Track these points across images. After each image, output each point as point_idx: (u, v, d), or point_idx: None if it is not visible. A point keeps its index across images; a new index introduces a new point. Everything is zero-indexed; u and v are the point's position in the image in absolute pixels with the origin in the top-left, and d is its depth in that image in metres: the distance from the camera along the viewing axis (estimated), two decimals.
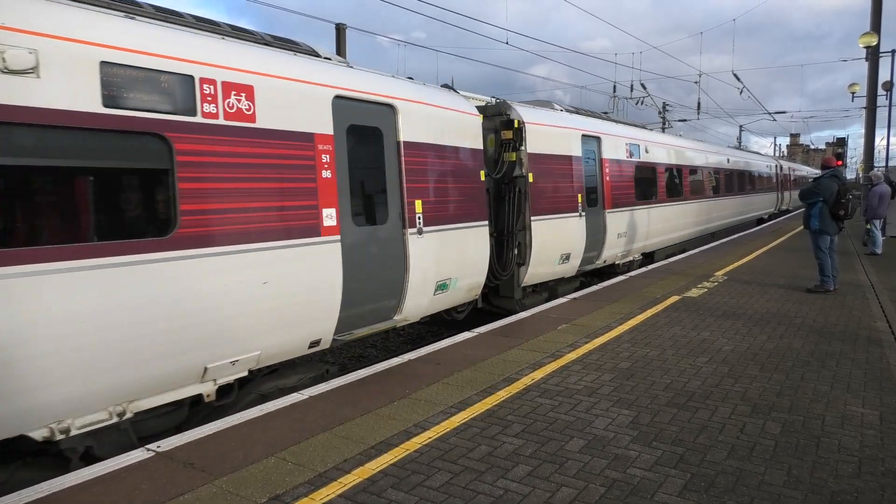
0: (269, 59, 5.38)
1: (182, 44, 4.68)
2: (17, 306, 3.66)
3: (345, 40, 18.14)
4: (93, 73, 4.06)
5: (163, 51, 4.50)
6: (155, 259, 4.34)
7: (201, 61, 4.72)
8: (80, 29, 4.06)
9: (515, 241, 8.92)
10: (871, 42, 19.55)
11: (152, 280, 4.32)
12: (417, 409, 4.75)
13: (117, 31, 4.30)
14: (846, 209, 9.38)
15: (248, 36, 5.60)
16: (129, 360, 4.21)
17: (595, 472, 3.66)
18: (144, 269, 4.28)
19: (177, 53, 4.57)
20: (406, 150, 6.73)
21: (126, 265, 4.18)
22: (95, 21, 4.21)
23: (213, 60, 4.82)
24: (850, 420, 4.40)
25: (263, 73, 5.20)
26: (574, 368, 5.72)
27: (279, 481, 3.60)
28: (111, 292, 4.09)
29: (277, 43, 5.87)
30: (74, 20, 4.08)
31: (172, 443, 4.16)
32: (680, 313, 8.05)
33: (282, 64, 5.46)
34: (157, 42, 4.51)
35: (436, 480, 3.59)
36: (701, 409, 4.67)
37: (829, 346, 6.36)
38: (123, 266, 4.16)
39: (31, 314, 3.72)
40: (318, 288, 5.55)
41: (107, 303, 4.07)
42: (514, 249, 8.92)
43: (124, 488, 3.55)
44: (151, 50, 4.43)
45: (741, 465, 3.73)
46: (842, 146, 30.18)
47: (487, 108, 9.22)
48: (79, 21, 4.10)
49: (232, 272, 4.81)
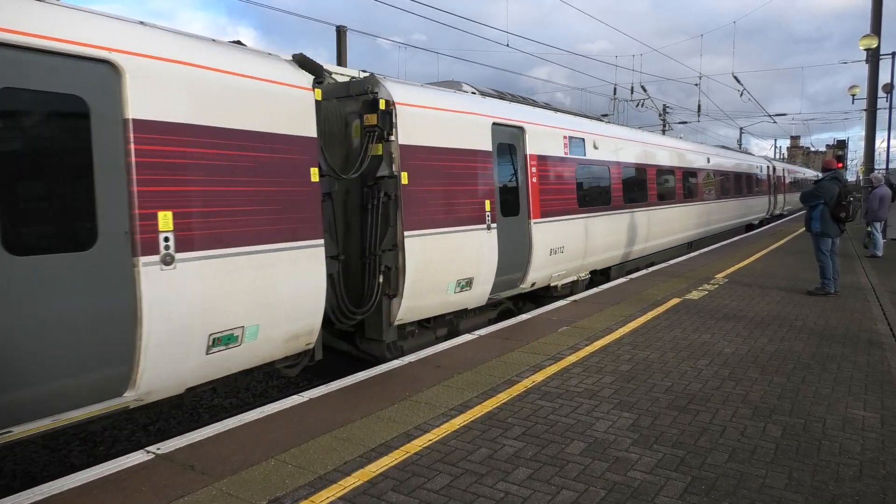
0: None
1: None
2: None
3: (345, 42, 18.15)
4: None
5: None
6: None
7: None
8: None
9: (380, 264, 6.70)
10: (871, 44, 19.57)
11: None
12: (418, 411, 4.74)
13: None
14: (847, 211, 9.39)
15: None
16: None
17: (596, 475, 3.65)
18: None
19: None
20: (136, 132, 4.39)
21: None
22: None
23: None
24: (852, 423, 4.39)
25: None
26: (575, 371, 5.71)
27: (279, 483, 3.60)
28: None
29: None
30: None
31: (172, 445, 4.15)
32: (681, 316, 8.04)
33: None
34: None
35: (436, 483, 3.59)
36: (702, 411, 4.66)
37: (831, 349, 6.35)
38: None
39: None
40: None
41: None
42: (380, 276, 6.69)
43: (124, 491, 3.54)
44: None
45: (742, 468, 3.72)
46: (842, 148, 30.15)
47: (351, 84, 7.02)
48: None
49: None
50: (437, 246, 7.20)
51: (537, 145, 9.28)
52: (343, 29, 18.10)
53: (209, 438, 4.26)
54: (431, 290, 7.19)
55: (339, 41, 18.12)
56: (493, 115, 8.40)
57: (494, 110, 8.56)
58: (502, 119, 8.60)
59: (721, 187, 19.82)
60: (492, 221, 8.07)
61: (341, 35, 18.11)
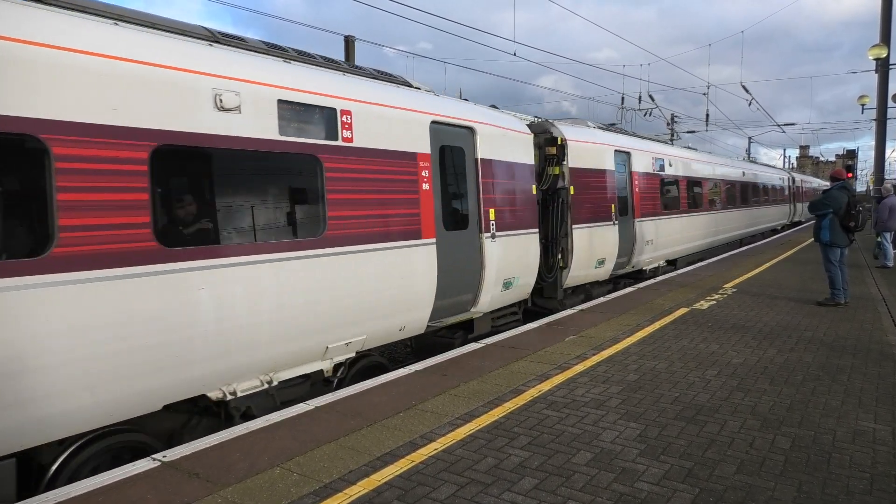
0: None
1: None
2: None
3: (354, 52, 18.27)
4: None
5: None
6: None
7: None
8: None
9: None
10: (880, 54, 19.49)
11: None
12: (423, 420, 4.72)
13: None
14: (856, 221, 9.31)
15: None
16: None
17: (602, 486, 3.62)
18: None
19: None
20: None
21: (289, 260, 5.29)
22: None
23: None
24: (862, 435, 4.34)
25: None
26: (581, 380, 5.68)
27: (284, 492, 3.59)
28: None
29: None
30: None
31: (178, 453, 4.16)
32: (688, 326, 7.99)
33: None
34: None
35: (441, 493, 3.57)
36: (710, 422, 4.62)
37: (840, 360, 6.29)
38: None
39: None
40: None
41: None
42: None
43: (129, 499, 3.54)
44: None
45: (751, 480, 3.68)
46: (852, 158, 29.99)
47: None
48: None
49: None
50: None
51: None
52: (351, 39, 18.21)
53: (214, 446, 4.26)
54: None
55: (348, 50, 18.23)
56: (613, 143, 11.95)
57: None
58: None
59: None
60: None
61: (349, 45, 18.23)
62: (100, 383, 4.05)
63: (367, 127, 6.15)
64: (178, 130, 4.53)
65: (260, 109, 5.14)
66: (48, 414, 3.83)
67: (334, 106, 5.84)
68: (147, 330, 4.26)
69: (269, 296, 5.11)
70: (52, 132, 3.85)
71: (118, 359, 4.13)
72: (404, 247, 6.61)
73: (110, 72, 4.18)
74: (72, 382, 3.92)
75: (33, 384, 3.74)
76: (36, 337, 3.74)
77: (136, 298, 4.21)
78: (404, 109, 6.76)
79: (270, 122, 5.22)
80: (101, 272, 4.04)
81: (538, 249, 9.20)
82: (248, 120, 5.04)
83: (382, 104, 6.42)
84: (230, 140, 4.89)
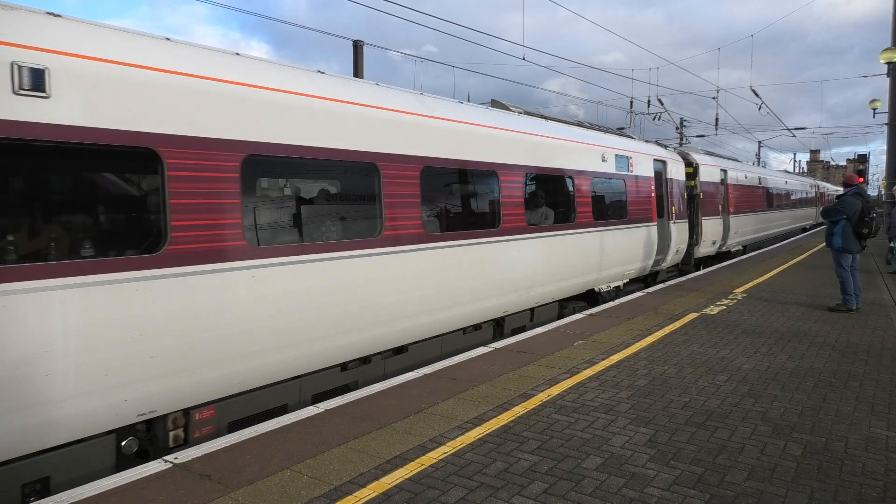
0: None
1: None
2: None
3: (362, 57, 18.35)
4: None
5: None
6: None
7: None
8: None
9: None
10: (892, 58, 19.34)
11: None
12: (433, 423, 4.73)
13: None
14: (870, 228, 9.25)
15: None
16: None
17: (612, 491, 3.61)
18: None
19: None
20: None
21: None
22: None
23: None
24: (875, 443, 4.31)
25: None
26: (591, 385, 5.67)
27: (295, 494, 3.61)
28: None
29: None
30: None
31: (189, 455, 4.19)
32: (698, 330, 7.96)
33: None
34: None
35: (451, 496, 3.57)
36: (720, 428, 4.60)
37: (852, 367, 6.24)
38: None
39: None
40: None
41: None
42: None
43: (140, 500, 3.57)
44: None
45: (762, 486, 3.66)
46: (863, 163, 29.74)
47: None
48: None
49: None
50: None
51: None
52: (360, 43, 18.29)
53: (226, 448, 4.29)
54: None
55: (356, 55, 18.31)
56: (719, 164, 18.52)
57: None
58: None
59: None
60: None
61: (358, 49, 18.31)
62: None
63: (637, 164, 12.15)
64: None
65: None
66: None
67: (628, 155, 11.84)
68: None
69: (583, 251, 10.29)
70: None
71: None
72: (645, 226, 12.31)
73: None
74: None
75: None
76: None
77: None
78: (646, 154, 12.82)
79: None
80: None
81: (688, 232, 14.97)
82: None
83: (642, 153, 12.65)
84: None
